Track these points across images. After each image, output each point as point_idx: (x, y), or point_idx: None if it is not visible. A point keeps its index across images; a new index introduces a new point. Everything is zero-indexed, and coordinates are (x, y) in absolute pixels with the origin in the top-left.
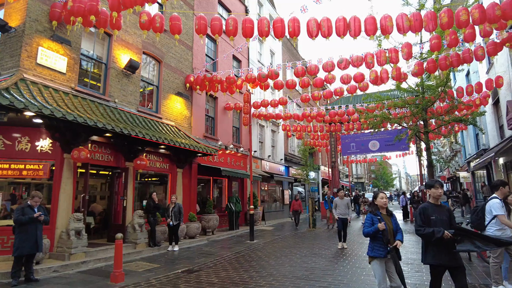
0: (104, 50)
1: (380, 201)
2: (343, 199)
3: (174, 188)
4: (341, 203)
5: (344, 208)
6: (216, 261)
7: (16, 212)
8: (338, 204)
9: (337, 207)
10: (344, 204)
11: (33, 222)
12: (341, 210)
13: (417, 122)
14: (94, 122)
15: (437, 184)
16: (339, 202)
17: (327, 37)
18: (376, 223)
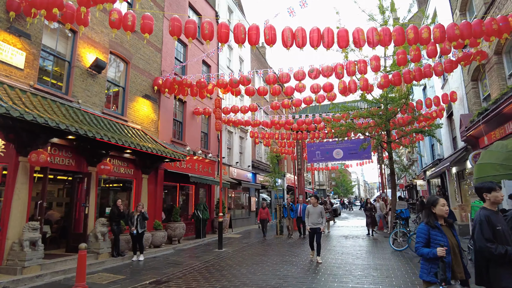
0: (68, 47)
1: (441, 210)
2: (316, 207)
3: (139, 195)
4: (314, 211)
5: (317, 217)
6: (185, 271)
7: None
8: (310, 212)
9: (309, 215)
10: (317, 212)
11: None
12: (313, 219)
13: (380, 132)
14: (56, 124)
15: (497, 186)
16: (312, 210)
17: (301, 47)
18: (434, 238)
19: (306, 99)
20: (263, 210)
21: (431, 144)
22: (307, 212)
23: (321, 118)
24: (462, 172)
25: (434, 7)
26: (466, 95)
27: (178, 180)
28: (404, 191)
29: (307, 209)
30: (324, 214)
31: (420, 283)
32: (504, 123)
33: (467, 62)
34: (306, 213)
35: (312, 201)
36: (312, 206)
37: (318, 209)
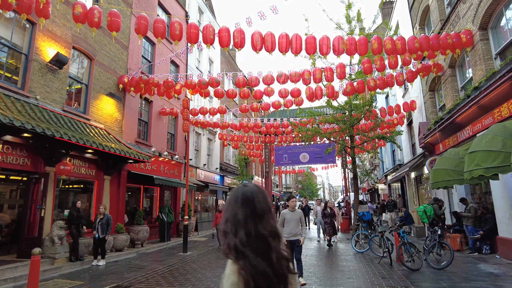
0: (25, 39)
1: None
2: (294, 212)
3: (101, 197)
4: (292, 217)
5: (295, 226)
6: (148, 275)
7: None
8: (287, 219)
9: (285, 223)
10: (295, 219)
11: None
12: (290, 228)
13: (344, 137)
14: (9, 120)
15: None
16: (289, 216)
17: (271, 51)
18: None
19: (275, 103)
20: (219, 214)
21: (392, 149)
22: (282, 219)
23: (289, 123)
24: (420, 177)
25: (396, 20)
26: (424, 104)
27: (142, 181)
28: (367, 194)
29: (283, 215)
30: (303, 221)
31: (380, 283)
32: (456, 131)
33: (425, 73)
34: (281, 220)
35: (291, 204)
36: (289, 212)
37: (297, 215)
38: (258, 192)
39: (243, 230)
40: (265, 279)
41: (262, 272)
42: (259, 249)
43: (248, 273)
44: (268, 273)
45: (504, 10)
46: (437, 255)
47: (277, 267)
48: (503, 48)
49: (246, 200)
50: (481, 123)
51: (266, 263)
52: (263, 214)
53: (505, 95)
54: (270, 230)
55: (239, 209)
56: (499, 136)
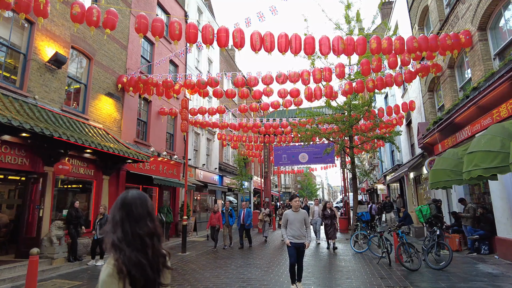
0: (24, 38)
1: None
2: (298, 212)
3: (100, 197)
4: (295, 218)
5: (299, 227)
6: None
7: None
8: (290, 219)
9: (288, 225)
10: (299, 220)
11: None
12: (294, 231)
13: (344, 138)
14: (8, 120)
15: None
16: (292, 216)
17: (270, 51)
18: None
19: (274, 103)
20: (214, 215)
21: (391, 150)
22: (285, 220)
23: (288, 123)
24: (419, 177)
25: (396, 20)
26: (423, 105)
27: (141, 182)
28: (365, 194)
29: (285, 216)
30: (308, 222)
31: (379, 284)
32: (455, 132)
33: (424, 73)
34: (283, 222)
35: (295, 204)
36: (292, 212)
37: (301, 216)
38: (137, 199)
39: (120, 229)
40: (139, 269)
41: (136, 263)
42: (135, 245)
43: (121, 263)
44: (143, 264)
45: (503, 11)
46: (436, 255)
47: (152, 261)
48: (502, 48)
49: (124, 205)
50: (480, 123)
51: (142, 256)
52: (140, 217)
53: (504, 96)
54: (147, 231)
55: (117, 212)
56: (497, 136)
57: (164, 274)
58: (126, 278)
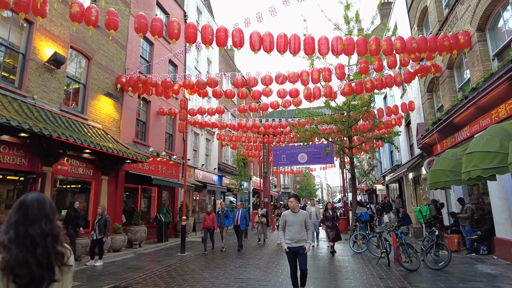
0: (22, 38)
1: None
2: (298, 214)
3: (98, 197)
4: (294, 220)
5: (298, 230)
6: (146, 275)
7: None
8: (289, 221)
9: (286, 227)
10: (299, 222)
11: None
12: (292, 233)
13: (343, 138)
14: (6, 120)
15: None
16: (291, 218)
17: (269, 52)
18: None
19: (274, 103)
20: (208, 216)
21: (390, 150)
22: (284, 221)
23: (287, 123)
24: (418, 178)
25: (395, 20)
26: (422, 105)
27: (140, 182)
28: (365, 195)
29: (284, 216)
30: (309, 225)
31: (378, 284)
32: (454, 132)
33: (423, 74)
34: (281, 223)
35: (292, 205)
36: (291, 213)
37: (301, 218)
38: (35, 201)
39: (13, 231)
40: (24, 267)
41: (21, 261)
42: (24, 245)
43: (6, 261)
44: (29, 262)
45: (502, 12)
46: (435, 255)
47: (41, 259)
48: (501, 49)
49: (21, 207)
50: (478, 124)
51: (30, 255)
52: (35, 218)
53: (503, 96)
54: (40, 231)
55: (14, 215)
56: (496, 137)
57: (63, 271)
58: (10, 275)
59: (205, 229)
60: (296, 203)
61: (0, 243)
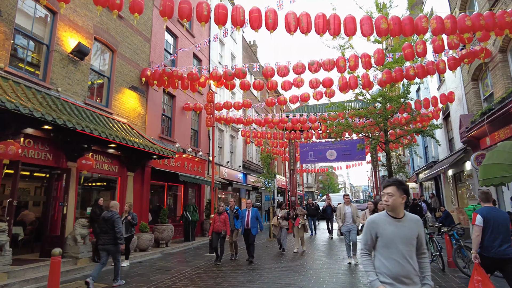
0: (46, 29)
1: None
2: (404, 220)
3: (124, 194)
4: (398, 233)
5: (407, 253)
6: (175, 278)
7: None
8: (385, 234)
9: (379, 247)
10: (408, 239)
11: None
12: (394, 264)
13: (379, 132)
14: (29, 111)
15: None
16: (391, 229)
17: (306, 33)
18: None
19: (305, 95)
20: (218, 217)
21: (424, 146)
22: (371, 234)
23: (320, 116)
24: (460, 175)
25: (430, 7)
26: (465, 95)
27: (166, 179)
28: None
29: (372, 225)
30: (356, 218)
31: None
32: (510, 123)
33: (471, 59)
34: (366, 237)
35: (395, 203)
36: (387, 218)
37: (412, 229)
38: None
39: None
40: None
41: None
42: None
43: None
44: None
45: None
46: None
47: None
48: None
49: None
50: None
51: None
52: None
53: None
54: None
55: None
56: None
57: None
58: None
59: (215, 234)
60: (402, 199)
61: None
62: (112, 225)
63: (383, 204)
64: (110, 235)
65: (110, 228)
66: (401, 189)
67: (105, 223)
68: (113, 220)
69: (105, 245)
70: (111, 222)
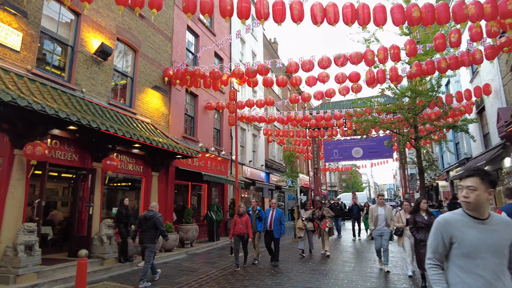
0: (71, 31)
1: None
2: (490, 222)
3: (149, 194)
4: (483, 239)
5: (499, 269)
6: (201, 280)
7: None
8: (466, 242)
9: (463, 259)
10: (498, 249)
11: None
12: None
13: (409, 128)
14: (55, 111)
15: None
16: (475, 235)
17: (334, 23)
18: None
19: (330, 91)
20: (239, 218)
21: (455, 142)
22: (371, 214)
23: (345, 112)
24: (497, 172)
25: None
26: (503, 87)
27: (189, 178)
28: None
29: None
30: (391, 221)
31: None
32: None
33: (511, 48)
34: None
35: (479, 198)
36: (470, 222)
37: (504, 238)
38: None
39: None
40: None
41: None
42: None
43: None
44: None
45: None
46: None
47: None
48: None
49: None
50: None
51: None
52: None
53: None
54: None
55: None
56: None
57: None
58: None
59: (236, 237)
60: (488, 195)
61: None
62: (152, 224)
63: (460, 200)
64: (149, 233)
65: (150, 227)
66: (486, 181)
67: (146, 222)
68: (155, 219)
69: (145, 243)
70: (152, 221)
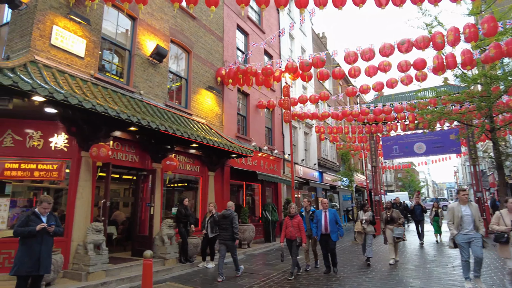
0: (128, 35)
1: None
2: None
3: (206, 194)
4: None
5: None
6: (263, 283)
7: (19, 221)
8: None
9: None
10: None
11: (35, 236)
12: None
13: (483, 119)
14: (116, 113)
15: None
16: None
17: (400, 4)
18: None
19: (392, 80)
20: (290, 221)
21: None
22: (452, 215)
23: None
24: None
25: None
26: None
27: (244, 178)
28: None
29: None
30: (481, 221)
31: None
32: None
33: None
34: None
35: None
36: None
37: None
38: None
39: None
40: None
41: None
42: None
43: None
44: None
45: None
46: None
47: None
48: None
49: None
50: None
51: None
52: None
53: None
54: None
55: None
56: None
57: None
58: None
59: (289, 241)
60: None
61: None
62: (230, 222)
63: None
64: (229, 231)
65: (229, 225)
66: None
67: (224, 220)
68: (232, 217)
69: (226, 240)
70: (230, 219)
